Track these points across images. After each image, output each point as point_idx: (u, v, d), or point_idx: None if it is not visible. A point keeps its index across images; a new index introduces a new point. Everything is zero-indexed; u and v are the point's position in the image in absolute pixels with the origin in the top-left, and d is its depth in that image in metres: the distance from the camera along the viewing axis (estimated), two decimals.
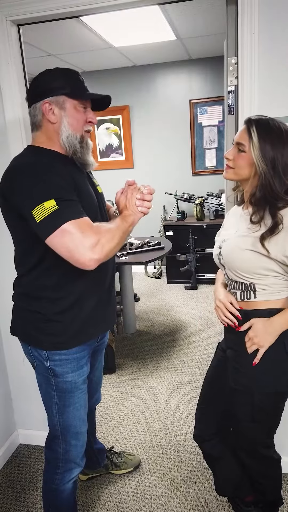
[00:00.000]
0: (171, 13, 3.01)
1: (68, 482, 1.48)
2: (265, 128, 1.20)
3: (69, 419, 1.40)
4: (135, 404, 2.53)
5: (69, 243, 1.11)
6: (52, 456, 1.46)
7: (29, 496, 1.89)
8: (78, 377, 1.37)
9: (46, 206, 1.11)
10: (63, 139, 1.27)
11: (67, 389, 1.36)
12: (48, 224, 1.11)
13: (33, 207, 1.12)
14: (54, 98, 1.25)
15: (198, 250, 4.51)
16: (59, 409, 1.38)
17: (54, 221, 1.11)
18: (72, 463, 1.46)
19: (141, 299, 4.34)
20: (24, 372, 2.09)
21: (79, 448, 1.46)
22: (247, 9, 1.49)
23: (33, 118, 1.30)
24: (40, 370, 1.38)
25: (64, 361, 1.33)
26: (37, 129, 1.30)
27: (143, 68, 4.70)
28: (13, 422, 2.21)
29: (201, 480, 1.91)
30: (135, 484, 1.92)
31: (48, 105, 1.25)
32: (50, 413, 1.41)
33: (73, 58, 4.08)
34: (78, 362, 1.36)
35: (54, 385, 1.36)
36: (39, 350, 1.33)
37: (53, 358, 1.32)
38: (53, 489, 1.48)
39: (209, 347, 3.19)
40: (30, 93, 1.30)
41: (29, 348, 1.36)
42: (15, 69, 1.74)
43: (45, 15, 1.69)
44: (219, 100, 4.53)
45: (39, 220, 1.11)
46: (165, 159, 4.92)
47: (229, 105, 1.67)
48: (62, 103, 1.26)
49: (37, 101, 1.27)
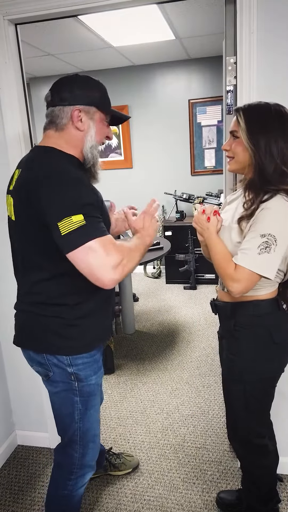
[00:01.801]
0: (170, 13, 3.00)
1: (81, 488, 1.46)
2: (252, 111, 1.25)
3: (89, 422, 1.38)
4: (134, 405, 2.53)
5: (92, 261, 1.09)
6: (66, 462, 1.42)
7: (27, 497, 1.88)
8: (99, 379, 1.37)
9: (73, 220, 1.08)
10: (87, 149, 1.26)
11: (90, 392, 1.34)
12: (73, 239, 1.08)
13: (60, 219, 1.08)
14: (86, 107, 1.24)
15: (197, 250, 4.50)
16: (81, 414, 1.35)
17: (80, 237, 1.08)
18: (87, 467, 1.44)
19: (140, 299, 4.33)
20: (23, 373, 2.08)
21: (95, 450, 1.45)
22: (245, 8, 1.48)
23: (55, 118, 1.25)
24: (59, 378, 1.31)
25: (86, 364, 1.30)
26: (57, 130, 1.26)
27: (142, 68, 4.69)
28: (11, 423, 2.20)
29: (199, 482, 1.90)
30: (133, 485, 1.91)
31: (77, 112, 1.23)
32: (70, 420, 1.36)
33: (72, 58, 4.07)
34: (97, 363, 1.35)
35: (77, 390, 1.32)
36: (59, 357, 1.28)
37: (75, 362, 1.29)
38: (65, 495, 1.44)
39: (208, 348, 3.18)
40: (59, 94, 1.25)
41: (45, 357, 1.29)
42: (12, 68, 1.74)
43: (43, 14, 1.68)
44: (218, 100, 4.52)
45: (64, 233, 1.08)
46: (164, 159, 4.91)
47: (228, 105, 1.66)
48: (92, 114, 1.26)
49: (67, 105, 1.24)
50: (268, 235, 1.18)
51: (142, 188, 4.95)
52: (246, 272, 1.20)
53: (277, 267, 1.22)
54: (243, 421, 1.46)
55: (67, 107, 1.24)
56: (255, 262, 1.19)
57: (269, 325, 1.34)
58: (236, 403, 1.45)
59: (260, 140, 1.21)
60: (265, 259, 1.19)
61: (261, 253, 1.18)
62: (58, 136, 1.26)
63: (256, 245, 1.19)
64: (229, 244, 1.29)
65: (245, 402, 1.41)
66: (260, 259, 1.19)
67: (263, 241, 1.18)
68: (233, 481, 1.90)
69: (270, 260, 1.19)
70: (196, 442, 2.16)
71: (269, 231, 1.18)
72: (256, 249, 1.19)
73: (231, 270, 1.23)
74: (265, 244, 1.18)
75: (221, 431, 2.23)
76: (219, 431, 2.23)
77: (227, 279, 1.25)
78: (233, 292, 1.24)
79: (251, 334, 1.35)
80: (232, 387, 1.45)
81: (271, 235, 1.18)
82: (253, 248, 1.19)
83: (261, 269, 1.19)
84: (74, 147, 1.26)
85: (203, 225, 1.34)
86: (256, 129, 1.22)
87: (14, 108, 1.77)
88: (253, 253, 1.19)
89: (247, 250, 1.21)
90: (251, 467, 1.56)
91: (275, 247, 1.18)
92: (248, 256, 1.20)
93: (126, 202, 1.82)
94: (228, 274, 1.24)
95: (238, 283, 1.22)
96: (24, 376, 2.09)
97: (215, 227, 1.33)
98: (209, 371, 2.85)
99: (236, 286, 1.22)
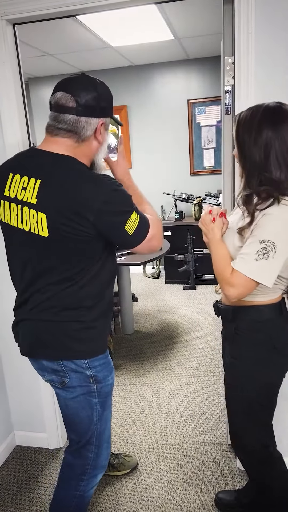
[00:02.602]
0: (169, 13, 3.00)
1: (92, 488, 1.46)
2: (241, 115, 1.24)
3: (106, 422, 1.38)
4: (133, 405, 2.52)
5: (154, 243, 1.27)
6: (80, 463, 1.41)
7: (25, 498, 1.88)
8: (114, 378, 1.38)
9: (132, 218, 1.19)
10: (98, 160, 1.26)
11: (108, 392, 1.35)
12: (138, 234, 1.22)
13: (125, 223, 1.18)
14: (106, 119, 1.25)
15: (197, 250, 4.50)
16: (99, 415, 1.35)
17: (143, 231, 1.23)
18: (100, 467, 1.43)
19: (139, 299, 4.33)
20: (22, 373, 2.08)
21: (109, 450, 1.46)
22: (243, 8, 1.48)
23: (79, 129, 1.19)
24: (76, 383, 1.30)
25: (103, 365, 1.31)
26: (77, 140, 1.20)
27: (141, 68, 4.69)
28: (10, 424, 2.20)
29: (198, 482, 1.90)
30: (132, 485, 1.91)
31: (102, 124, 1.22)
32: (89, 423, 1.35)
33: (71, 58, 4.07)
34: (110, 363, 1.36)
35: (96, 393, 1.32)
36: (77, 361, 1.27)
37: (93, 365, 1.29)
38: (77, 495, 1.43)
39: (207, 348, 3.18)
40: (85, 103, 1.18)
41: (62, 364, 1.28)
42: (11, 69, 1.73)
43: (41, 14, 1.68)
44: (217, 100, 4.52)
45: (131, 233, 1.20)
46: (163, 159, 4.91)
47: (226, 105, 1.66)
48: (107, 125, 1.26)
49: (95, 116, 1.20)
50: (267, 241, 1.16)
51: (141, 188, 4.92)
52: (242, 278, 1.19)
53: (275, 274, 1.19)
54: (246, 431, 1.43)
55: (95, 119, 1.20)
56: (251, 268, 1.17)
57: (270, 331, 1.32)
58: (238, 410, 1.42)
59: (242, 145, 1.22)
60: (262, 265, 1.16)
61: (259, 259, 1.16)
62: (77, 146, 1.21)
63: (254, 251, 1.17)
64: (232, 248, 1.28)
65: (247, 409, 1.39)
66: (257, 265, 1.16)
67: (261, 247, 1.16)
68: (232, 481, 1.89)
69: (267, 267, 1.16)
70: (195, 442, 2.16)
71: (269, 238, 1.16)
72: (253, 255, 1.17)
73: (228, 274, 1.22)
74: (263, 251, 1.16)
75: (220, 431, 2.22)
76: (218, 432, 2.22)
77: (223, 282, 1.24)
78: (228, 296, 1.23)
79: (252, 339, 1.34)
80: (234, 393, 1.42)
81: (270, 241, 1.15)
82: (251, 254, 1.17)
83: (257, 275, 1.17)
84: (87, 157, 1.24)
85: (208, 226, 1.32)
86: (239, 135, 1.23)
87: (12, 109, 1.77)
88: (251, 258, 1.17)
89: (245, 255, 1.19)
90: (265, 479, 1.51)
91: (274, 254, 1.15)
92: (245, 261, 1.19)
93: None
94: (225, 278, 1.23)
95: (233, 288, 1.21)
96: (23, 377, 2.08)
97: (220, 229, 1.31)
98: (208, 371, 2.85)
99: (231, 290, 1.21)
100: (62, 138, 1.20)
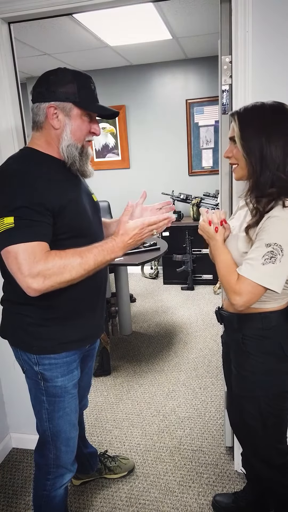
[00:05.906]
0: (167, 12, 2.98)
1: (60, 488, 1.46)
2: (246, 115, 1.19)
3: (59, 424, 1.37)
4: (130, 407, 2.51)
5: (11, 265, 1.10)
6: (43, 462, 1.44)
7: (21, 501, 1.86)
8: (68, 382, 1.34)
9: (4, 222, 1.09)
10: (62, 148, 1.22)
11: (56, 394, 1.33)
12: (0, 241, 1.10)
13: None
14: (61, 103, 1.20)
15: (195, 250, 4.48)
16: (49, 414, 1.36)
17: (4, 240, 1.09)
18: (63, 468, 1.44)
19: (137, 300, 4.32)
20: (16, 375, 2.06)
21: (70, 453, 1.44)
22: (240, 6, 1.46)
23: (35, 116, 1.24)
24: (29, 375, 1.35)
25: (53, 365, 1.30)
26: (38, 129, 1.25)
27: (139, 67, 4.67)
28: (6, 426, 2.18)
29: (195, 485, 1.89)
30: (128, 488, 1.89)
31: (53, 109, 1.20)
32: (40, 418, 1.39)
33: (69, 57, 4.05)
34: (68, 366, 1.33)
35: (43, 390, 1.33)
36: (28, 354, 1.30)
37: (42, 362, 1.29)
38: (44, 495, 1.45)
39: (205, 349, 3.16)
40: (36, 90, 1.23)
41: (19, 352, 1.34)
42: (6, 67, 1.72)
43: (37, 13, 1.66)
44: (216, 100, 4.50)
45: None
46: (162, 159, 4.89)
47: (223, 105, 1.64)
48: (68, 110, 1.21)
49: (42, 102, 1.21)
50: (274, 244, 1.11)
51: (139, 189, 4.85)
52: (249, 284, 1.14)
53: (284, 278, 1.14)
54: (262, 440, 1.37)
55: (43, 104, 1.21)
56: (259, 273, 1.12)
57: (280, 338, 1.27)
58: (252, 422, 1.35)
59: (254, 145, 1.16)
60: (270, 270, 1.11)
61: (266, 264, 1.11)
62: (39, 136, 1.24)
63: (260, 255, 1.12)
64: (235, 253, 1.24)
65: (261, 420, 1.32)
66: (264, 269, 1.12)
67: (268, 251, 1.11)
68: (230, 484, 1.88)
69: (275, 271, 1.12)
70: (192, 444, 2.14)
71: (275, 241, 1.11)
72: (260, 259, 1.12)
73: (233, 281, 1.17)
74: (270, 254, 1.11)
75: (217, 433, 2.21)
76: (215, 434, 2.21)
77: (229, 291, 1.19)
78: (235, 305, 1.18)
79: (261, 348, 1.28)
80: (246, 405, 1.35)
81: (277, 244, 1.11)
82: (257, 258, 1.13)
83: (265, 280, 1.13)
84: (53, 147, 1.23)
85: (209, 234, 1.28)
86: (249, 134, 1.17)
87: (7, 109, 1.75)
88: (257, 263, 1.12)
89: (251, 260, 1.14)
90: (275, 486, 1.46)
91: (281, 257, 1.11)
92: (252, 266, 1.13)
93: (123, 203, 1.79)
94: (231, 286, 1.18)
95: (240, 296, 1.15)
96: (18, 379, 2.06)
97: (222, 235, 1.27)
98: (206, 372, 2.84)
99: (238, 299, 1.16)
100: (32, 131, 1.28)
